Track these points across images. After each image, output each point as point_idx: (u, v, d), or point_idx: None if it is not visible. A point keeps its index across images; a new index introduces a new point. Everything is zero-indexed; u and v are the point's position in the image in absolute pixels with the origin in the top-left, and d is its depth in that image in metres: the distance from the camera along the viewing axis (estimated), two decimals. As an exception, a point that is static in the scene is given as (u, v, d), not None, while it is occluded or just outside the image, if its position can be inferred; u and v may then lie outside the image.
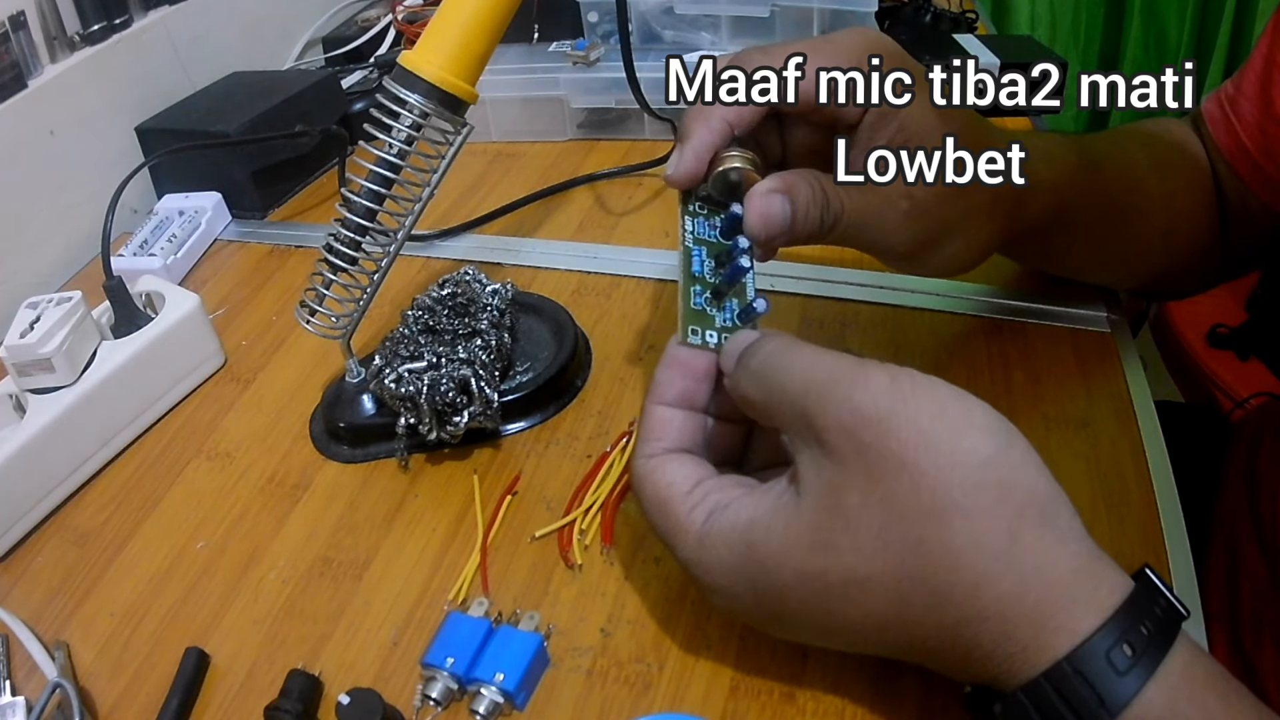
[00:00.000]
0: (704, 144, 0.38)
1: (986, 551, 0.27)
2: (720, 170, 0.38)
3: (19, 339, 0.48)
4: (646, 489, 0.34)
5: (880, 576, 0.28)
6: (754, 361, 0.33)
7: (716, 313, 0.37)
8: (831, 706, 0.35)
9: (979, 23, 0.86)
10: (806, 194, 0.37)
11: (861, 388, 0.29)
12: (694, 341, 0.36)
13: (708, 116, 0.38)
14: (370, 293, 0.47)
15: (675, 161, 0.38)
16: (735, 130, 0.38)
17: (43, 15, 0.67)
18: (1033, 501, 0.28)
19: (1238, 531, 0.57)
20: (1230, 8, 1.52)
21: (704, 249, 0.39)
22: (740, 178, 0.38)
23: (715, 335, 0.36)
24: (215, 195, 0.72)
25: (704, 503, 0.32)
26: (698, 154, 0.38)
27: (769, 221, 0.37)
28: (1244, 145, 0.49)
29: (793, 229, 0.37)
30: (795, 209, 0.37)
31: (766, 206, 0.36)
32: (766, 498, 0.31)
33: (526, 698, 0.36)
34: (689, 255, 0.39)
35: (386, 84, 0.43)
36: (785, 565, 0.30)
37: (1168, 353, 1.16)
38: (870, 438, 0.28)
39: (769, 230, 0.37)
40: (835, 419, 0.29)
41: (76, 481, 0.49)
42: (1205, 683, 0.27)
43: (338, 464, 0.49)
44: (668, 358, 0.36)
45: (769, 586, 0.31)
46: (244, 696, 0.38)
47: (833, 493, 0.29)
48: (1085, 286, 0.53)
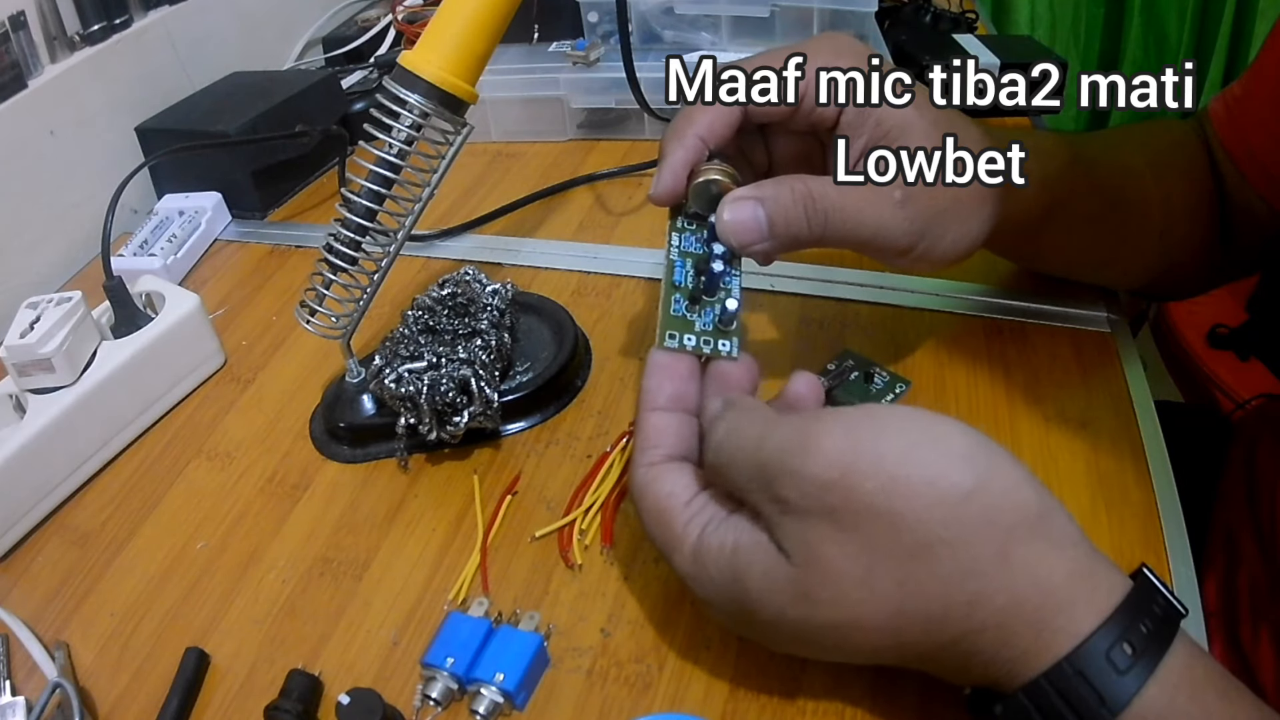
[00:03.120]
0: (679, 161, 0.39)
1: (978, 575, 0.27)
2: (698, 183, 0.39)
3: (19, 339, 0.48)
4: (647, 499, 0.34)
5: (871, 617, 0.29)
6: (715, 435, 0.33)
7: (695, 318, 0.38)
8: (831, 707, 0.35)
9: (979, 23, 0.86)
10: (786, 198, 0.37)
11: (813, 455, 0.29)
12: (671, 345, 0.37)
13: (681, 134, 0.39)
14: (370, 293, 0.47)
15: (656, 180, 0.39)
16: (709, 144, 0.39)
17: (43, 15, 0.67)
18: (1022, 520, 0.28)
19: (1237, 531, 0.57)
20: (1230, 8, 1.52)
21: (687, 261, 0.40)
22: (718, 189, 0.39)
23: (693, 339, 0.37)
24: (215, 195, 0.72)
25: (699, 516, 0.33)
26: (673, 171, 0.39)
27: (738, 227, 0.37)
28: (1251, 148, 0.49)
29: (773, 233, 0.37)
30: (772, 214, 0.37)
31: (735, 213, 0.37)
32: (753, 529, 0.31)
33: (526, 698, 0.36)
34: (672, 267, 0.39)
35: (386, 84, 0.43)
36: (769, 605, 0.30)
37: (1168, 353, 1.16)
38: (836, 499, 0.28)
39: (740, 237, 0.37)
40: (796, 492, 0.29)
41: (76, 481, 0.49)
42: (1205, 681, 0.27)
43: (338, 464, 0.49)
44: (651, 365, 0.36)
45: (756, 617, 0.31)
46: (244, 696, 0.38)
47: (808, 548, 0.29)
48: (1085, 286, 0.53)
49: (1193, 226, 0.51)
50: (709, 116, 0.39)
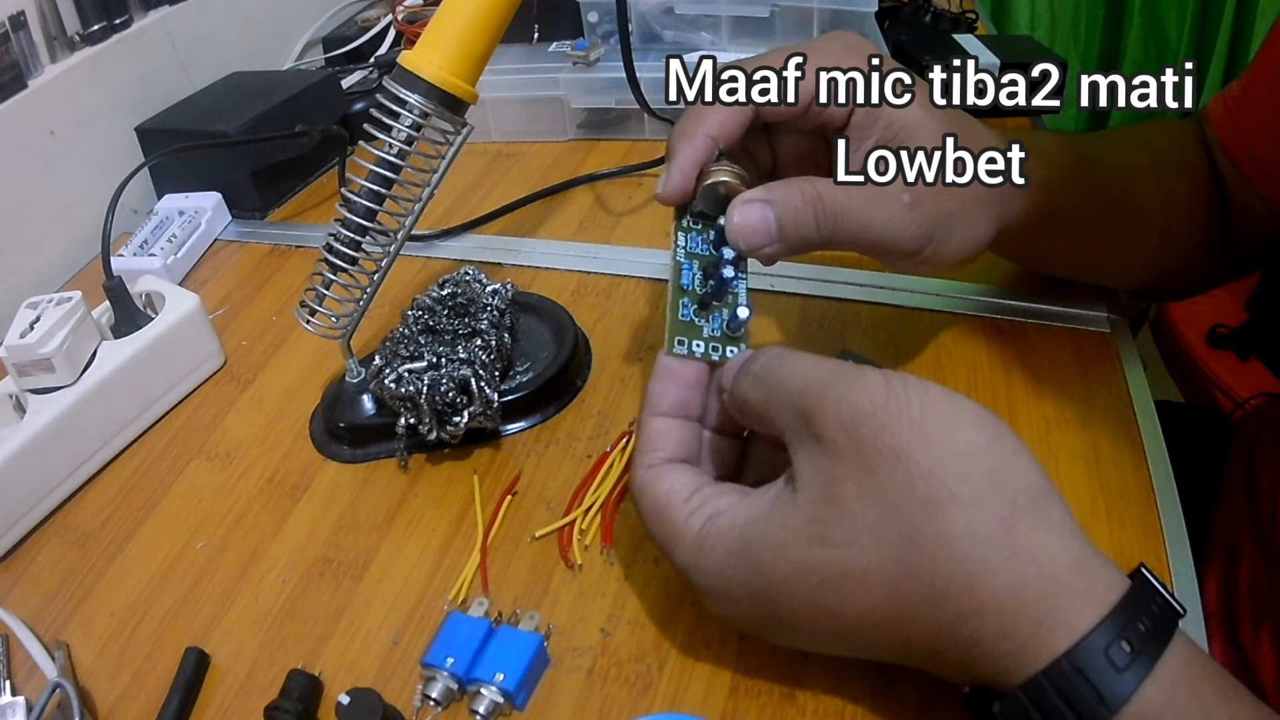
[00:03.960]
0: (688, 160, 0.38)
1: (981, 541, 0.28)
2: (707, 184, 0.39)
3: (19, 339, 0.48)
4: (646, 498, 0.34)
5: (878, 568, 0.29)
6: (755, 365, 0.34)
7: (704, 323, 0.38)
8: (831, 706, 0.35)
9: (979, 23, 0.86)
10: (796, 201, 0.37)
11: (857, 386, 0.30)
12: (680, 351, 0.36)
13: (690, 134, 0.38)
14: (370, 293, 0.47)
15: (663, 180, 0.39)
16: (719, 144, 0.39)
17: (43, 15, 0.67)
18: (1025, 491, 0.29)
19: (1237, 531, 0.57)
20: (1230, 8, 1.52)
21: (694, 263, 0.40)
22: (727, 191, 0.38)
23: (702, 345, 0.37)
24: (215, 195, 0.72)
25: (702, 509, 0.33)
26: (683, 171, 0.38)
27: (747, 230, 0.37)
28: (1251, 148, 0.49)
29: (782, 236, 0.37)
30: (781, 217, 0.37)
31: (745, 216, 0.37)
32: (764, 498, 0.32)
33: (526, 698, 0.36)
34: (679, 269, 0.39)
35: (386, 84, 0.43)
36: (782, 559, 0.30)
37: (1168, 353, 1.16)
38: (866, 432, 0.29)
39: (749, 240, 0.37)
40: (833, 414, 0.30)
41: (76, 481, 0.49)
42: (1203, 680, 0.27)
43: (338, 464, 0.49)
44: (658, 370, 0.36)
45: (765, 586, 0.31)
46: (244, 696, 0.38)
47: (829, 485, 0.30)
48: (1085, 286, 0.53)
49: (1193, 226, 0.51)
50: (720, 116, 0.38)
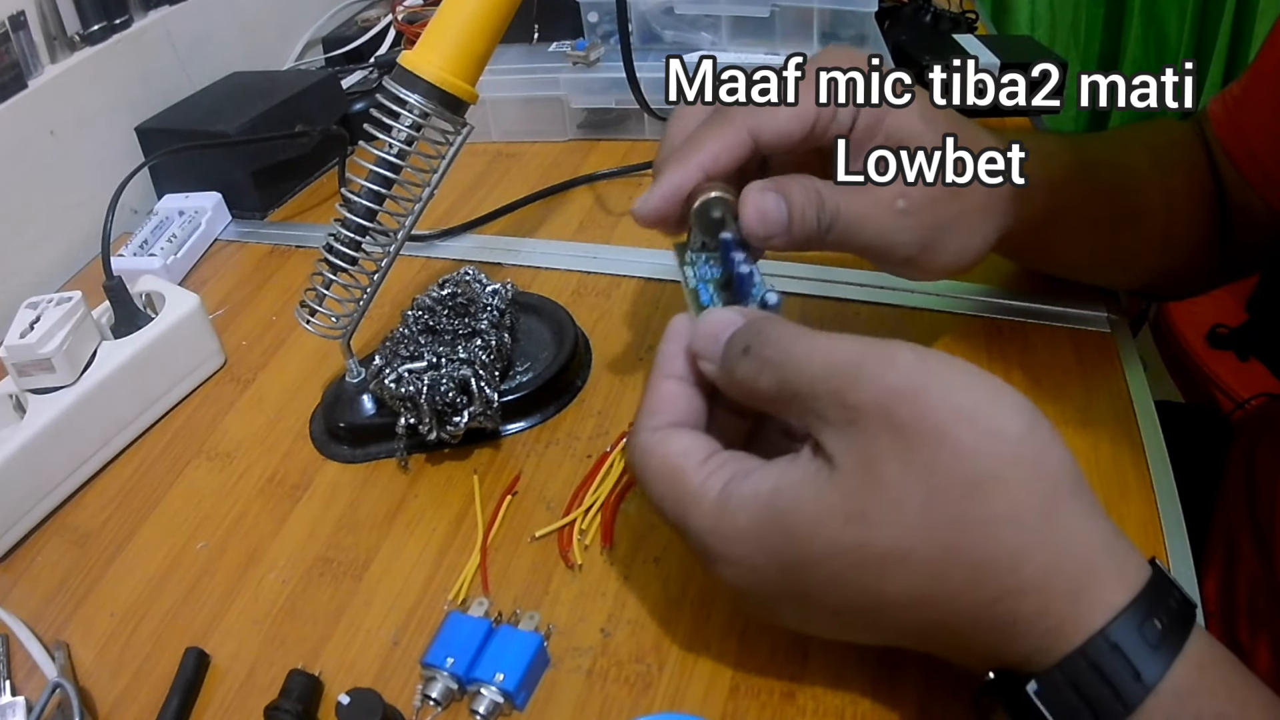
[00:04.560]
0: (674, 186, 0.37)
1: (1024, 524, 0.27)
2: (702, 206, 0.37)
3: (19, 339, 0.48)
4: (654, 460, 0.32)
5: (923, 549, 0.28)
6: (767, 350, 0.31)
7: None
8: (831, 706, 0.35)
9: (979, 23, 0.86)
10: (800, 194, 0.37)
11: (892, 367, 0.29)
12: None
13: (684, 160, 0.37)
14: (370, 293, 0.47)
15: (645, 197, 0.38)
16: (711, 176, 0.37)
17: (43, 15, 0.67)
18: (1064, 477, 0.28)
19: (1236, 531, 0.57)
20: (1230, 8, 1.52)
21: (710, 285, 0.38)
22: (724, 213, 0.37)
23: None
24: (215, 195, 0.72)
25: (721, 470, 0.31)
26: (665, 195, 0.38)
27: (765, 217, 0.36)
28: (1251, 148, 0.49)
29: (790, 227, 0.37)
30: (791, 207, 0.37)
31: (762, 203, 0.36)
32: (793, 466, 0.30)
33: (526, 698, 0.36)
34: (696, 295, 0.38)
35: (386, 84, 0.43)
36: (819, 535, 0.29)
37: (1168, 353, 1.16)
38: (907, 414, 0.28)
39: (767, 227, 0.37)
40: (870, 396, 0.28)
41: (76, 481, 0.49)
42: (1226, 660, 0.28)
43: (338, 464, 0.49)
44: (671, 331, 0.34)
45: (797, 559, 0.29)
46: (244, 696, 0.38)
47: (869, 464, 0.28)
48: (1085, 286, 0.53)
49: (1193, 226, 0.51)
50: (716, 147, 0.37)
